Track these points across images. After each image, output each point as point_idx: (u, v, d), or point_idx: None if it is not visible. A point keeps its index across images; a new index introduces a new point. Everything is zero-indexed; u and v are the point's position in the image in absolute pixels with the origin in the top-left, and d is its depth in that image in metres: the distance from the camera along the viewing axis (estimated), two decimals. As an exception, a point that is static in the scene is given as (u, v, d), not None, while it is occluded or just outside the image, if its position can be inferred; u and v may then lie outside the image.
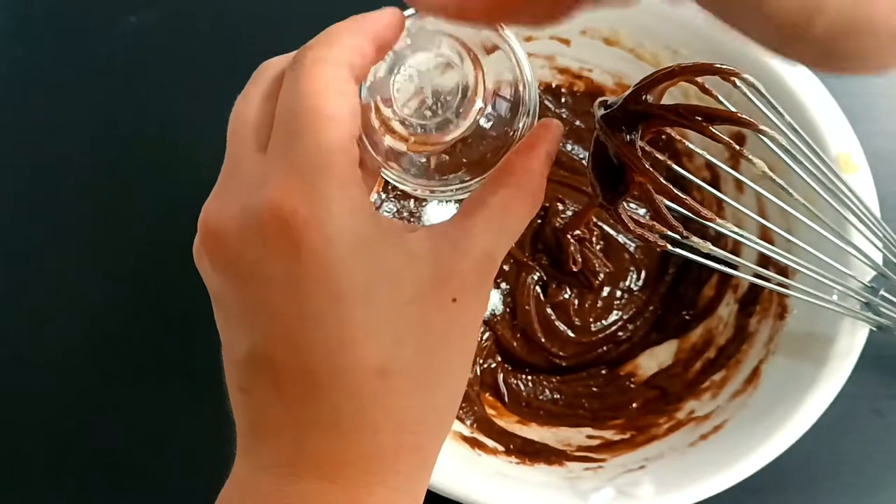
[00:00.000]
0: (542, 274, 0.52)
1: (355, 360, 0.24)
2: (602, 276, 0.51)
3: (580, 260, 0.51)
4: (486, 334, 0.50)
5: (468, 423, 0.46)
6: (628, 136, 0.33)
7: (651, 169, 0.32)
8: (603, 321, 0.51)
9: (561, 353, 0.50)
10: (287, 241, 0.23)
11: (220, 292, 0.26)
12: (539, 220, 0.52)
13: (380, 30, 0.27)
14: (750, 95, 0.33)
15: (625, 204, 0.35)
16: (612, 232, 0.52)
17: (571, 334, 0.51)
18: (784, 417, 0.39)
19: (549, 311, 0.51)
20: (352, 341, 0.24)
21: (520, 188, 0.28)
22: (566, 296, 0.51)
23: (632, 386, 0.49)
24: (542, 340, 0.50)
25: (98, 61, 0.60)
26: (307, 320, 0.24)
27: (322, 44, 0.26)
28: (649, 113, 0.32)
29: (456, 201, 0.31)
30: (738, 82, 0.33)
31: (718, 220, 0.33)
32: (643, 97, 0.33)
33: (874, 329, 0.40)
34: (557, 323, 0.51)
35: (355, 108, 0.25)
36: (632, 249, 0.52)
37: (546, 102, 0.53)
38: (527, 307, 0.50)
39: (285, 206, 0.23)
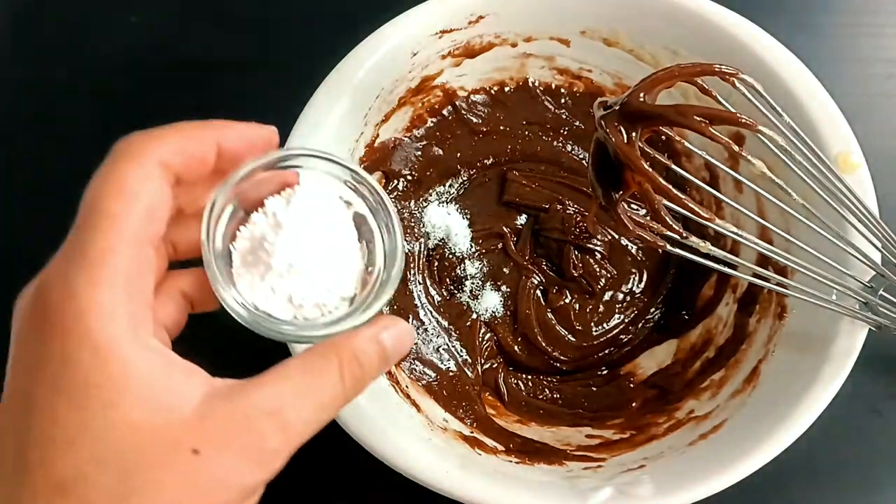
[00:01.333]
0: (542, 278, 0.52)
1: (43, 462, 0.22)
2: (603, 281, 0.51)
3: (581, 265, 0.51)
4: (487, 335, 0.51)
5: (468, 422, 0.46)
6: (627, 137, 0.33)
7: (650, 169, 0.32)
8: (604, 325, 0.51)
9: (562, 358, 0.50)
10: (38, 326, 0.24)
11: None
12: (537, 225, 0.52)
13: (227, 138, 0.28)
14: (749, 96, 0.33)
15: (625, 204, 0.35)
16: (615, 235, 0.52)
17: (572, 339, 0.51)
18: (783, 417, 0.39)
19: (549, 315, 0.51)
20: (49, 441, 0.23)
21: (331, 351, 0.26)
22: (566, 300, 0.51)
23: (631, 385, 0.49)
24: (543, 345, 0.50)
25: (98, 61, 0.60)
26: (22, 408, 0.23)
27: (141, 138, 0.26)
28: (649, 113, 0.32)
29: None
30: (737, 83, 0.33)
31: (717, 221, 0.33)
32: (643, 98, 0.33)
33: (873, 329, 0.40)
34: (558, 328, 0.51)
35: (150, 209, 0.25)
36: (634, 252, 0.52)
37: (546, 103, 0.54)
38: (527, 311, 0.50)
39: (42, 292, 0.24)
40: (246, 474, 0.24)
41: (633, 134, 0.33)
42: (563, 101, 0.54)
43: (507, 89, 0.53)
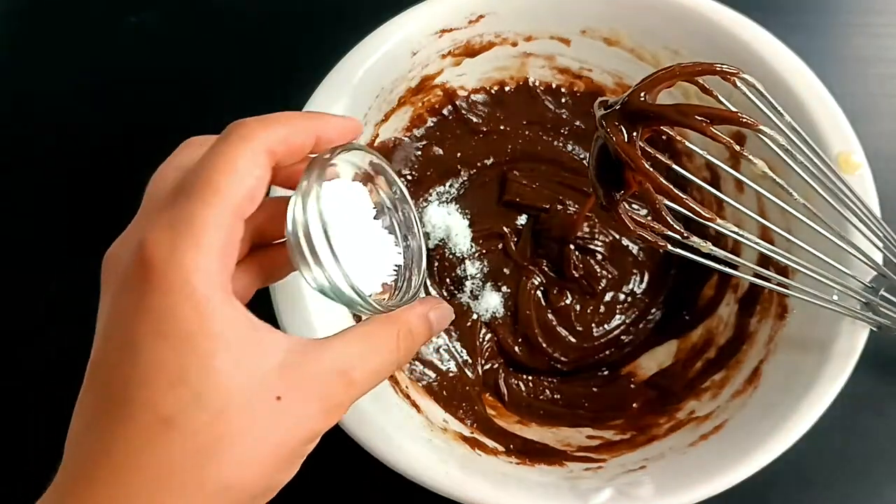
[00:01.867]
0: (543, 279, 0.51)
1: (148, 400, 0.25)
2: (604, 281, 0.51)
3: (581, 266, 0.51)
4: (488, 336, 0.50)
5: (468, 423, 0.46)
6: (628, 136, 0.33)
7: (651, 169, 0.32)
8: (605, 326, 0.51)
9: (563, 359, 0.50)
10: (140, 280, 0.26)
11: (101, 308, 0.28)
12: (538, 225, 0.52)
13: (325, 130, 0.31)
14: (750, 95, 0.33)
15: (625, 204, 0.35)
16: (616, 236, 0.52)
17: (573, 339, 0.51)
18: (784, 417, 0.38)
19: (550, 316, 0.51)
20: (154, 382, 0.25)
21: (390, 323, 0.31)
22: (567, 301, 0.51)
23: (632, 386, 0.49)
24: (544, 346, 0.50)
25: (98, 61, 0.60)
26: (124, 350, 0.26)
27: (255, 124, 0.29)
28: (650, 113, 0.32)
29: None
30: (738, 82, 0.33)
31: (718, 221, 0.33)
32: (644, 97, 0.33)
33: (874, 329, 0.40)
34: (559, 328, 0.51)
35: (252, 191, 0.28)
36: (635, 252, 0.52)
37: (546, 103, 0.54)
38: (528, 312, 0.50)
39: (146, 250, 0.26)
40: (317, 420, 0.28)
41: (634, 133, 0.32)
42: (563, 100, 0.54)
43: (507, 89, 0.53)
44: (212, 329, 0.26)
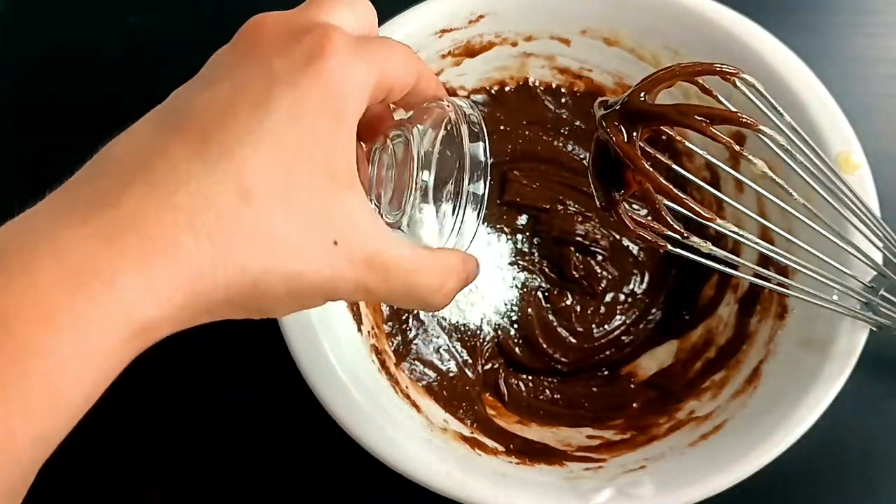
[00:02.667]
0: (544, 280, 0.51)
1: (239, 170, 0.26)
2: (605, 282, 0.51)
3: (582, 266, 0.51)
4: (489, 336, 0.50)
5: (468, 423, 0.46)
6: (628, 136, 0.33)
7: (651, 169, 0.32)
8: (605, 326, 0.51)
9: (563, 359, 0.50)
10: (313, 65, 0.28)
11: (226, 65, 0.31)
12: (538, 225, 0.52)
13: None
14: (750, 95, 0.33)
15: (625, 204, 0.35)
16: (616, 236, 0.52)
17: (573, 340, 0.51)
18: (784, 417, 0.38)
19: (550, 317, 0.51)
20: (254, 147, 0.26)
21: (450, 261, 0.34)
22: (568, 302, 0.51)
23: (632, 386, 0.49)
24: (545, 346, 0.50)
25: (98, 61, 0.60)
26: (254, 105, 0.27)
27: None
28: (650, 113, 0.32)
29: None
30: (738, 82, 0.33)
31: (718, 221, 0.33)
32: (643, 97, 0.33)
33: (874, 329, 0.40)
34: (559, 329, 0.51)
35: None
36: (635, 252, 0.52)
37: (546, 103, 0.54)
38: (528, 312, 0.50)
39: (334, 42, 0.28)
40: (352, 296, 0.29)
41: (634, 133, 0.32)
42: (563, 100, 0.54)
43: (507, 89, 0.53)
44: (336, 143, 0.27)
